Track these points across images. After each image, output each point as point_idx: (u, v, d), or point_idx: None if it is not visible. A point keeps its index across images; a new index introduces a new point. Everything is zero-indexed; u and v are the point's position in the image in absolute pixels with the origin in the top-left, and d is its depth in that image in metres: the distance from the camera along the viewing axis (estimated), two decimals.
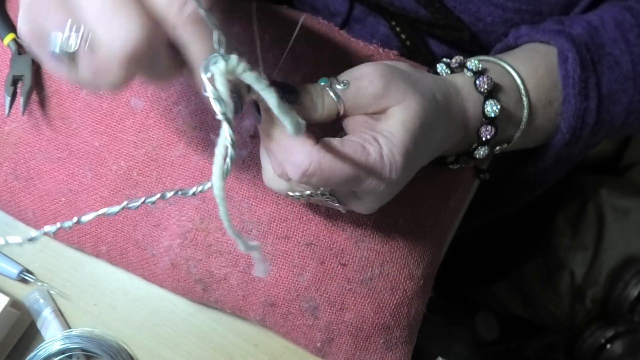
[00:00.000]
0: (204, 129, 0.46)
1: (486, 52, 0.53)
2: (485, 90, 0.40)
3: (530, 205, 0.83)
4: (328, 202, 0.38)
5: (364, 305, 0.45)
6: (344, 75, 0.36)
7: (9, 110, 0.44)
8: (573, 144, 0.44)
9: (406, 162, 0.35)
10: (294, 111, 0.32)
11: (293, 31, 0.50)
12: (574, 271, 0.96)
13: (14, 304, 0.49)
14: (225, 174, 0.27)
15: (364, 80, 0.35)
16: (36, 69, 0.46)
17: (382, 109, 0.35)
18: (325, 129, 0.37)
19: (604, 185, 0.99)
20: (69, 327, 0.50)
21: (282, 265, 0.45)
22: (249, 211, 0.45)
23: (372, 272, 0.45)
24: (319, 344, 0.47)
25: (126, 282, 0.51)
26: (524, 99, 0.41)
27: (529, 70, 0.42)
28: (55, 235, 0.48)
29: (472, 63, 0.41)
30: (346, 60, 0.50)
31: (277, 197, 0.45)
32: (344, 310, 0.45)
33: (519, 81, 0.41)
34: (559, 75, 0.42)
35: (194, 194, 0.30)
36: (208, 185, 0.27)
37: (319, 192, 0.36)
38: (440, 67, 0.42)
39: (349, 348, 0.46)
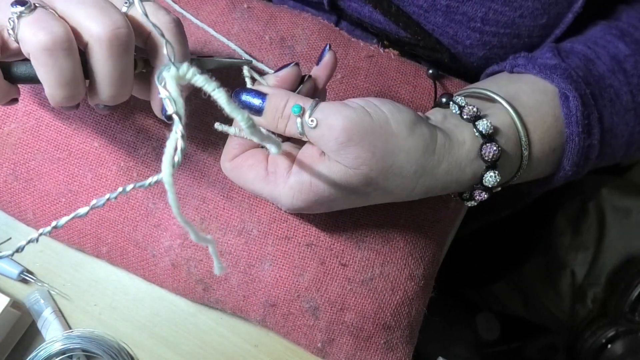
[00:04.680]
0: (204, 129, 0.46)
1: (467, 70, 0.52)
2: (490, 160, 0.37)
3: (530, 205, 0.82)
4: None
5: (365, 306, 0.45)
6: (319, 112, 0.36)
7: None
8: (574, 177, 0.44)
9: (300, 204, 0.38)
10: (259, 131, 0.33)
11: (293, 31, 0.50)
12: (574, 271, 0.96)
13: (15, 304, 0.49)
14: (176, 164, 0.29)
15: (332, 132, 0.35)
16: None
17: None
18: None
19: (605, 185, 0.99)
20: (70, 328, 0.50)
21: (283, 265, 0.45)
22: (249, 211, 0.45)
23: (373, 272, 0.45)
24: (319, 344, 0.47)
25: (126, 283, 0.51)
26: (525, 151, 0.40)
27: (536, 121, 0.40)
28: (56, 235, 0.48)
29: (484, 124, 0.38)
30: (346, 60, 0.50)
31: None
32: (345, 311, 0.45)
33: (522, 134, 0.39)
34: (562, 113, 0.41)
35: (149, 184, 0.32)
36: (160, 175, 0.29)
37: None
38: (454, 108, 0.40)
39: (350, 348, 0.46)
